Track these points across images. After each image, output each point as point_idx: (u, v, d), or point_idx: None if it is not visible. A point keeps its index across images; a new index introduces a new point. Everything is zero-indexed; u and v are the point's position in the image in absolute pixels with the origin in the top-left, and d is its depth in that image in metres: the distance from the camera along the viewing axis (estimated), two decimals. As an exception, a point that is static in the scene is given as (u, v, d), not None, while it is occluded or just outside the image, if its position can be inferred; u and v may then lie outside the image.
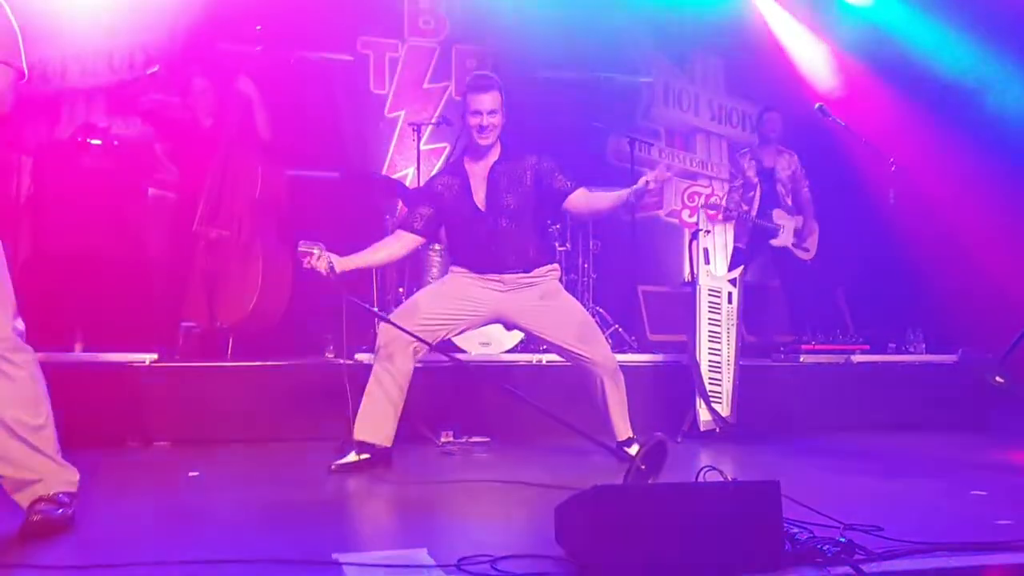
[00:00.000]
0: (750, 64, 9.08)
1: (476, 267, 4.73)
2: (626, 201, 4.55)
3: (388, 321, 4.56)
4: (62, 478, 3.17)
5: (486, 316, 4.81)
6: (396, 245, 4.81)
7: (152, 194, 6.83)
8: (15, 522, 3.11)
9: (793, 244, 7.36)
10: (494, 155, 4.76)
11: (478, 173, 4.76)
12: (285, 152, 7.01)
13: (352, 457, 4.53)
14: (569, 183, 4.72)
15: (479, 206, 4.73)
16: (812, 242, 7.49)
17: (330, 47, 8.18)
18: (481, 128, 4.65)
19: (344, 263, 4.49)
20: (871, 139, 6.87)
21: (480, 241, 4.72)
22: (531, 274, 4.75)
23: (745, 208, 7.22)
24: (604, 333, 6.92)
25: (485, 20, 8.37)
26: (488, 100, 4.64)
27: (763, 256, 7.41)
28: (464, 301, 4.70)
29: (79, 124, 7.20)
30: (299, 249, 4.41)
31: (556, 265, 4.94)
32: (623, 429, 4.82)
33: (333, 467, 4.48)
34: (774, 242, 7.31)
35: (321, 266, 4.39)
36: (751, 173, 7.41)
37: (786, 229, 7.35)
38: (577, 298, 7.15)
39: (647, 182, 4.37)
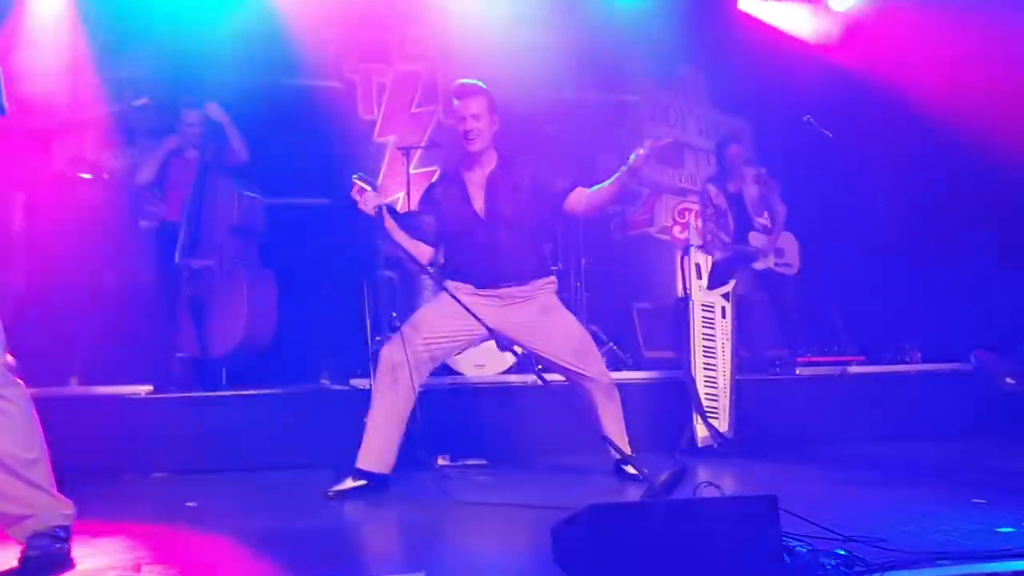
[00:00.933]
0: (735, 78, 9.11)
1: (474, 280, 4.66)
2: (622, 182, 4.55)
3: (439, 282, 4.54)
4: (57, 511, 3.16)
5: (485, 333, 4.78)
6: (422, 249, 4.76)
7: (144, 226, 6.84)
8: (10, 557, 3.10)
9: (775, 264, 7.33)
10: (491, 163, 4.74)
11: (475, 181, 4.73)
12: (274, 179, 7.03)
13: (348, 483, 4.51)
14: (567, 183, 4.72)
15: (479, 213, 4.70)
16: (792, 256, 7.46)
17: (317, 73, 8.20)
18: (467, 133, 4.65)
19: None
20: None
21: (479, 250, 4.68)
22: (528, 287, 4.72)
23: (726, 238, 7.16)
24: (599, 351, 6.95)
25: (471, 43, 8.40)
26: (472, 105, 4.64)
27: (746, 270, 7.38)
28: (464, 319, 4.63)
29: (70, 157, 7.21)
30: (355, 178, 4.46)
31: (553, 278, 4.91)
32: (620, 446, 4.79)
33: (330, 493, 4.47)
34: (756, 265, 7.28)
35: (369, 201, 4.45)
36: (719, 201, 7.35)
37: (763, 252, 7.30)
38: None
39: (637, 156, 4.36)
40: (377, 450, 4.55)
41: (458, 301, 4.39)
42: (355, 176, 4.46)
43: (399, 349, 4.57)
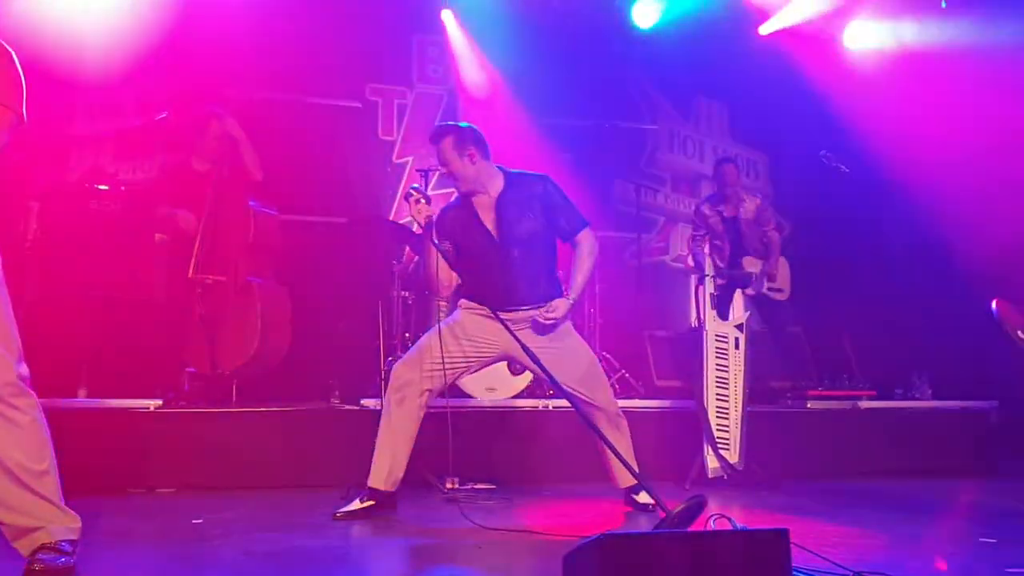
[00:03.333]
0: (754, 110, 9.13)
1: (488, 302, 4.59)
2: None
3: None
4: (64, 525, 3.14)
5: (496, 356, 4.75)
6: (451, 273, 4.67)
7: (158, 239, 6.85)
8: (15, 569, 3.09)
9: (767, 289, 7.24)
10: (498, 185, 4.70)
11: (485, 204, 4.70)
12: (292, 196, 7.05)
13: (356, 504, 4.50)
14: (573, 224, 4.70)
15: (492, 234, 4.66)
16: (784, 281, 7.37)
17: (339, 94, 8.25)
18: (448, 178, 4.72)
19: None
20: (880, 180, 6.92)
21: (492, 272, 4.65)
22: (540, 308, 4.67)
23: (719, 263, 7.08)
24: (611, 379, 6.92)
25: (490, 68, 8.46)
26: (439, 153, 4.65)
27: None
28: (474, 341, 4.64)
29: (87, 169, 7.24)
30: (411, 189, 4.54)
31: (568, 301, 4.84)
32: (626, 476, 4.75)
33: (337, 514, 4.45)
34: (748, 291, 7.16)
35: (422, 212, 4.47)
36: (715, 223, 7.26)
37: (757, 277, 7.22)
38: (583, 344, 7.17)
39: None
40: (384, 469, 4.54)
41: (503, 324, 4.33)
42: (412, 187, 4.56)
43: (409, 369, 4.58)
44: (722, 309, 5.88)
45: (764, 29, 8.88)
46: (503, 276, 4.65)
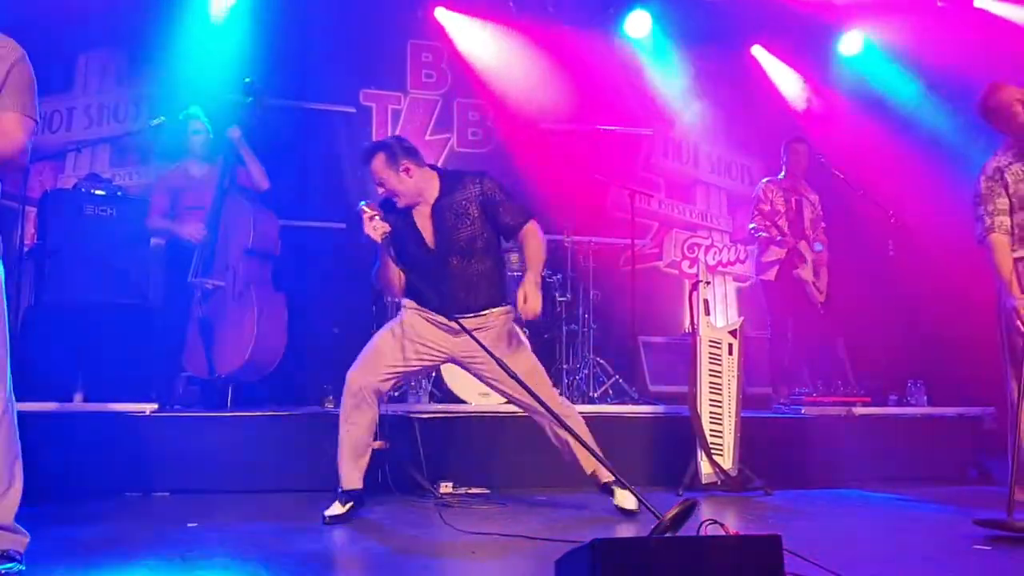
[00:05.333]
0: (749, 116, 9.14)
1: (427, 305, 4.61)
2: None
3: (486, 351, 4.42)
4: (15, 542, 3.11)
5: (442, 358, 4.75)
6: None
7: (155, 243, 6.86)
8: None
9: (812, 281, 7.25)
10: (432, 192, 4.61)
11: (422, 212, 4.62)
12: (289, 202, 7.06)
13: (339, 508, 4.54)
14: (516, 219, 4.60)
15: (429, 246, 4.60)
16: (824, 284, 7.40)
17: (333, 99, 8.27)
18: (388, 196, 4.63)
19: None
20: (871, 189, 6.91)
21: (431, 282, 4.56)
22: (481, 316, 4.63)
23: (776, 234, 7.10)
24: (605, 384, 6.95)
25: (486, 73, 8.48)
26: (373, 174, 4.59)
27: (793, 303, 7.29)
28: (421, 344, 4.63)
29: (83, 174, 7.25)
30: (362, 205, 4.46)
31: (509, 307, 4.76)
32: (591, 466, 4.74)
33: (327, 520, 4.48)
34: (799, 272, 7.15)
35: (378, 230, 4.39)
36: (779, 202, 7.29)
37: (809, 263, 7.24)
38: (577, 349, 7.17)
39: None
40: (354, 472, 4.65)
41: (460, 326, 4.33)
42: (363, 203, 4.46)
43: (364, 374, 4.60)
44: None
45: (756, 51, 8.97)
46: (441, 286, 4.58)
